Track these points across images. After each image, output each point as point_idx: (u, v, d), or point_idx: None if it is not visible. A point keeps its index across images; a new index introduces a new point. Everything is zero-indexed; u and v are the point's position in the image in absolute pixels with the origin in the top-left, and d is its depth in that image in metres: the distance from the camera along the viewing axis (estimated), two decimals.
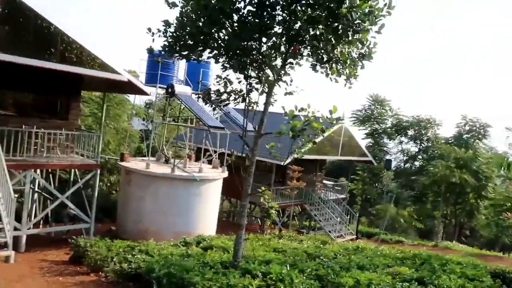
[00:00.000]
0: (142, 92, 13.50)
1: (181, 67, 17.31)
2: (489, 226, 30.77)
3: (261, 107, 8.65)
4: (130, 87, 13.27)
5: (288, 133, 7.84)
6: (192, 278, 6.80)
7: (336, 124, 7.68)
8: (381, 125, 33.91)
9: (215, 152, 18.33)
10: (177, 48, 7.95)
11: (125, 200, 16.08)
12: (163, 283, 6.88)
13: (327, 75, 7.39)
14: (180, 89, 15.87)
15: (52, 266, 9.74)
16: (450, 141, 32.11)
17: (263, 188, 15.95)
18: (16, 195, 14.70)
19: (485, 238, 32.42)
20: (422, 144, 33.37)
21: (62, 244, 12.96)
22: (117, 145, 24.55)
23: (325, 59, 6.89)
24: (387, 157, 33.25)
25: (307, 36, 6.65)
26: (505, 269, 10.88)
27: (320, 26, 6.28)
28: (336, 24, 6.08)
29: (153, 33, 7.74)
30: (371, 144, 33.16)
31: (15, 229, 11.82)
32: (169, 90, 15.48)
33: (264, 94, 8.39)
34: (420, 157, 34.00)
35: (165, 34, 7.85)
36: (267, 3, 6.89)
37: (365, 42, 6.62)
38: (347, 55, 6.74)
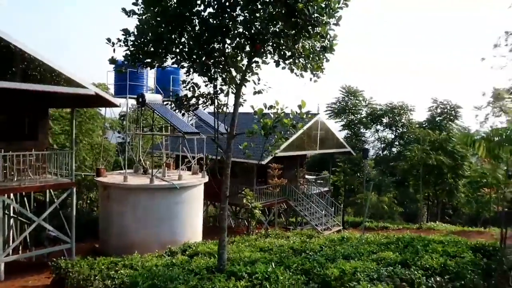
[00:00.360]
0: (112, 104, 13.26)
1: (150, 75, 17.08)
2: (469, 203, 31.63)
3: (232, 109, 8.62)
4: (98, 100, 13.02)
5: (259, 132, 7.82)
6: (176, 287, 6.72)
7: (307, 118, 7.71)
8: (356, 115, 34.35)
9: (193, 158, 18.18)
10: (140, 56, 7.84)
11: (105, 216, 15.77)
12: None
13: (291, 70, 7.42)
14: (151, 97, 15.66)
15: None
16: (424, 125, 32.78)
17: (245, 189, 15.90)
18: None
19: (467, 215, 33.28)
20: (398, 131, 33.96)
21: (44, 268, 12.64)
22: (93, 161, 24.07)
23: (287, 54, 6.92)
24: (366, 146, 33.72)
25: (268, 34, 6.67)
26: (484, 243, 11.22)
27: (280, 23, 6.30)
28: (294, 19, 6.11)
29: (113, 43, 7.60)
30: (348, 135, 33.54)
31: None
32: (140, 99, 15.26)
33: (233, 95, 8.37)
34: (396, 143, 34.61)
35: (126, 43, 7.72)
36: (227, 4, 6.87)
37: (325, 35, 6.67)
38: (309, 49, 6.79)
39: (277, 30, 6.44)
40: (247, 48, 7.62)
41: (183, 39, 7.18)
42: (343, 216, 29.38)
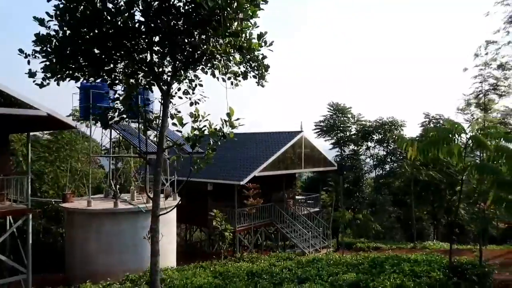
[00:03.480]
0: (67, 126, 12.80)
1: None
2: (473, 220, 30.27)
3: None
4: (53, 122, 12.56)
5: (187, 143, 7.20)
6: None
7: (236, 127, 7.07)
8: (345, 133, 33.59)
9: (166, 180, 17.54)
10: (59, 70, 7.30)
11: (70, 243, 15.07)
12: None
13: (213, 75, 6.86)
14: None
15: None
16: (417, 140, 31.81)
17: (215, 211, 15.12)
18: None
19: (473, 233, 31.85)
20: (389, 147, 33.04)
21: None
22: (75, 188, 23.51)
23: (196, 56, 6.36)
24: (359, 163, 32.81)
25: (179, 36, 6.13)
26: (463, 261, 10.34)
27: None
28: (194, 15, 5.58)
29: (26, 55, 7.09)
30: (338, 153, 32.73)
31: None
32: (102, 121, 14.73)
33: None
34: (389, 159, 33.60)
35: (44, 54, 7.20)
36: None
37: (240, 34, 6.13)
38: (223, 49, 6.23)
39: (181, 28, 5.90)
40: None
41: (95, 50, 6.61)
42: (337, 237, 28.24)
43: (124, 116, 7.72)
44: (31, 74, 7.51)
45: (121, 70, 6.69)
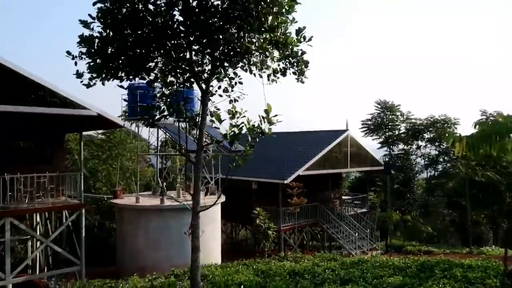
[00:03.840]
0: (116, 125, 13.35)
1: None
2: None
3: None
4: (104, 122, 13.15)
5: (226, 139, 7.21)
6: None
7: (274, 124, 6.97)
8: (394, 131, 32.24)
9: (211, 178, 17.80)
10: (101, 68, 7.57)
11: (120, 238, 15.71)
12: None
13: (246, 70, 6.83)
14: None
15: None
16: None
17: (258, 209, 15.12)
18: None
19: None
20: (441, 146, 31.24)
21: None
22: (126, 185, 24.53)
23: (231, 53, 6.32)
24: (409, 163, 31.40)
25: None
26: None
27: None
28: (230, 11, 5.55)
29: (73, 57, 7.43)
30: (386, 152, 31.51)
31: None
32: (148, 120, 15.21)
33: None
34: (441, 159, 31.78)
35: (89, 55, 7.51)
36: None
37: (276, 29, 6.03)
38: (258, 45, 6.16)
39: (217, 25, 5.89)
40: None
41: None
42: (386, 240, 27.25)
43: (166, 113, 7.86)
44: (79, 75, 7.84)
45: (160, 68, 6.80)
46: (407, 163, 32.62)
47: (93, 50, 7.10)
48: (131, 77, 7.15)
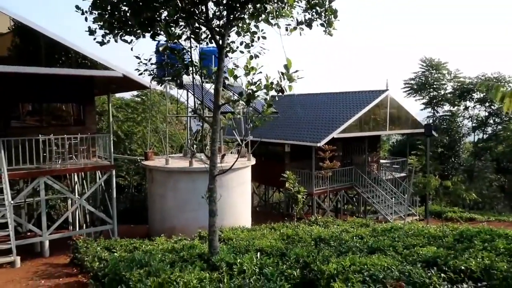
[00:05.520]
0: (142, 86, 13.11)
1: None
2: None
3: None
4: (130, 83, 12.96)
5: (242, 99, 6.67)
6: (131, 275, 6.00)
7: (294, 81, 6.31)
8: (439, 91, 30.07)
9: (242, 140, 17.45)
10: (117, 25, 7.14)
11: (150, 199, 15.92)
12: (106, 281, 6.19)
13: (265, 21, 6.13)
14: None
15: (48, 269, 9.67)
16: None
17: (288, 172, 14.66)
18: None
19: None
20: (492, 107, 28.81)
21: None
22: (162, 147, 24.85)
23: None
24: (456, 125, 29.45)
25: None
26: None
27: None
28: None
29: (83, 12, 7.03)
30: (431, 114, 29.59)
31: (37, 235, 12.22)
32: (177, 81, 14.89)
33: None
34: (491, 121, 29.44)
35: (100, 10, 7.08)
36: None
37: None
38: None
39: None
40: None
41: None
42: (426, 205, 26.18)
43: (182, 72, 7.43)
44: (91, 32, 7.47)
45: (165, 19, 6.24)
46: (453, 125, 30.66)
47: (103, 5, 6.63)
48: (140, 31, 6.68)
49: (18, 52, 11.60)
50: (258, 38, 7.92)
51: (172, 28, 6.51)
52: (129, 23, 6.68)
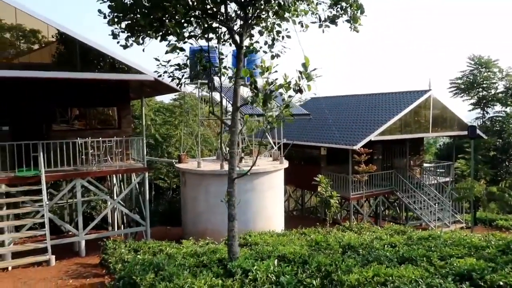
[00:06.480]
0: (172, 90, 13.25)
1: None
2: None
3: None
4: (162, 86, 13.15)
5: (259, 100, 6.45)
6: (143, 279, 5.94)
7: (313, 80, 6.00)
8: (489, 91, 28.10)
9: (275, 143, 17.22)
10: (137, 28, 7.16)
11: (184, 201, 16.04)
12: (121, 284, 6.17)
13: (280, 18, 5.87)
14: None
15: (79, 269, 9.92)
16: None
17: (320, 176, 14.21)
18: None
19: None
20: None
21: None
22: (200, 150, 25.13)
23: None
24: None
25: None
26: None
27: None
28: None
29: (104, 15, 7.11)
30: (480, 115, 27.70)
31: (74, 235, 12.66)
32: (209, 84, 14.93)
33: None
34: None
35: (120, 14, 7.14)
36: None
37: None
38: None
39: None
40: None
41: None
42: (474, 212, 24.52)
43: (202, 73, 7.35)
44: (114, 36, 7.53)
45: (173, 18, 6.15)
46: (507, 127, 28.56)
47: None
48: (151, 32, 6.64)
49: (58, 58, 12.11)
50: (283, 37, 7.69)
51: (184, 29, 6.42)
52: (141, 23, 6.66)
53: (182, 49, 6.72)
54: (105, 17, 7.23)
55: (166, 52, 6.61)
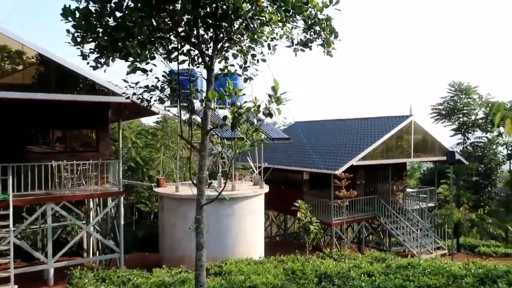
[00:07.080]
0: (152, 113, 13.07)
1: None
2: None
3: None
4: (141, 109, 12.96)
5: (226, 123, 6.28)
6: None
7: (282, 103, 5.88)
8: (469, 117, 28.59)
9: (256, 167, 17.02)
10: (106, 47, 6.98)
11: (161, 227, 15.60)
12: None
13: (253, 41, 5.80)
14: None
15: None
16: None
17: (299, 201, 13.98)
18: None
19: None
20: None
21: None
22: (181, 173, 24.75)
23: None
24: (491, 152, 27.73)
25: None
26: None
27: None
28: None
29: (73, 35, 6.92)
30: (461, 140, 28.05)
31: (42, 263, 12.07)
32: (189, 107, 14.79)
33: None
34: None
35: (87, 34, 6.96)
36: None
37: None
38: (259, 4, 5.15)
39: None
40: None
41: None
42: (457, 238, 24.43)
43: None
44: (84, 56, 7.33)
45: (138, 39, 6.00)
46: (489, 152, 28.93)
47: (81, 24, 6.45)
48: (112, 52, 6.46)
49: (36, 79, 11.86)
50: (258, 60, 7.61)
51: (147, 50, 6.27)
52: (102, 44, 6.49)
53: (144, 70, 6.55)
54: (73, 37, 7.08)
55: (127, 73, 6.43)
